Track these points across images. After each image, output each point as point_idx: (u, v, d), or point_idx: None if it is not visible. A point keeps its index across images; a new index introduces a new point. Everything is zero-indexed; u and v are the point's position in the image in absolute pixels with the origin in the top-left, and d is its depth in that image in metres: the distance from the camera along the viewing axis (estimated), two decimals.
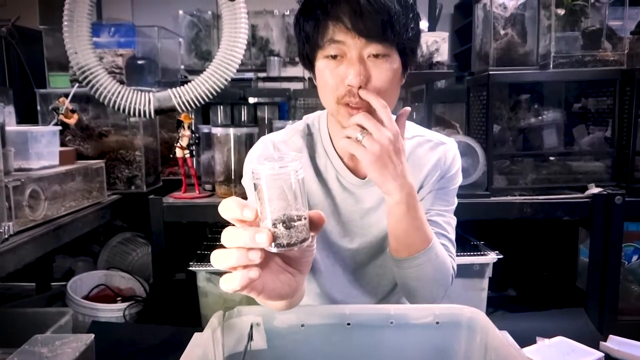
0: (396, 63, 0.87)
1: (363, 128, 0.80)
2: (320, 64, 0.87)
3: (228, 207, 0.55)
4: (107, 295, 1.97)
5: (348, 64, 0.84)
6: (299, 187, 0.56)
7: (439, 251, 0.93)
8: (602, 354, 1.07)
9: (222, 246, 0.56)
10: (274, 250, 0.56)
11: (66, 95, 1.79)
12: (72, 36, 1.66)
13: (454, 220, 1.05)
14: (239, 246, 0.54)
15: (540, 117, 1.96)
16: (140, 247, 2.27)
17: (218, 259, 0.55)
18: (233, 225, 0.58)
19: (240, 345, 0.77)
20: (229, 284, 0.55)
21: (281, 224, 0.55)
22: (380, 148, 0.78)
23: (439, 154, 1.02)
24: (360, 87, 0.84)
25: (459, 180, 1.05)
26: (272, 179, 0.54)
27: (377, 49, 0.83)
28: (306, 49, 0.89)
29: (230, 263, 0.54)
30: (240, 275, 0.55)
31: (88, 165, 1.69)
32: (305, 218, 0.57)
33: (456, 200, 1.06)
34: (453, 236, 1.04)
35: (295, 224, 0.56)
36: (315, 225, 0.59)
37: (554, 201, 1.74)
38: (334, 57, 0.85)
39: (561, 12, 1.76)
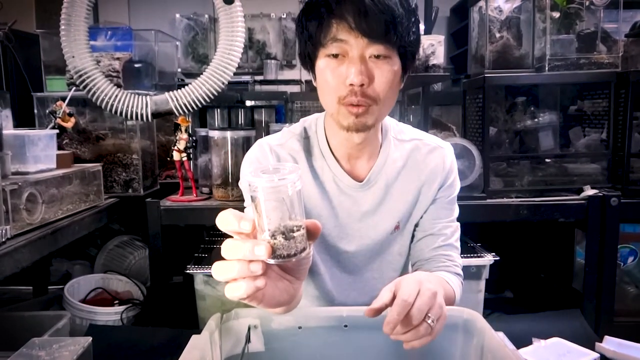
0: (396, 65, 0.88)
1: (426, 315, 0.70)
2: (322, 63, 0.88)
3: (225, 220, 0.56)
4: (104, 298, 1.96)
5: (350, 63, 0.85)
6: (296, 198, 0.56)
7: (458, 294, 0.98)
8: (597, 355, 1.08)
9: (219, 251, 0.57)
10: (273, 262, 0.56)
11: (63, 99, 1.79)
12: (69, 40, 1.66)
13: (457, 227, 1.06)
14: (239, 258, 0.55)
15: (536, 120, 1.97)
16: (138, 251, 2.27)
17: (219, 271, 0.55)
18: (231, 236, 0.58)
19: (238, 348, 0.77)
20: (235, 292, 0.55)
21: (280, 235, 0.55)
22: (442, 315, 0.72)
23: (436, 158, 1.03)
24: (362, 86, 0.84)
25: (458, 185, 1.07)
26: (269, 192, 0.54)
27: (379, 49, 0.84)
28: (308, 48, 0.89)
29: (232, 275, 0.55)
30: (246, 284, 0.55)
31: (85, 168, 1.69)
32: (303, 228, 0.57)
33: (457, 207, 1.07)
34: (458, 243, 1.06)
35: (294, 234, 0.56)
36: (312, 234, 0.60)
37: (550, 203, 1.75)
38: (336, 56, 0.86)
39: (556, 15, 1.77)
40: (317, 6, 0.85)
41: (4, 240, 1.21)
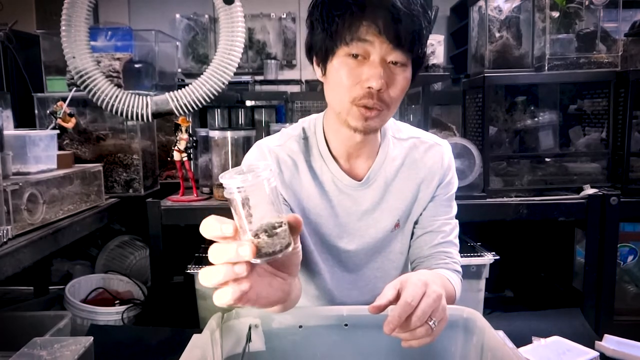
0: (409, 73, 0.89)
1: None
2: (338, 61, 0.87)
3: (207, 226, 0.56)
4: (105, 298, 1.97)
5: (370, 66, 0.85)
6: (274, 194, 0.56)
7: (458, 291, 0.98)
8: (597, 353, 1.09)
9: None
10: (259, 261, 0.56)
11: (64, 99, 1.79)
12: (70, 40, 1.66)
13: (456, 224, 1.07)
14: (226, 262, 0.55)
15: (536, 119, 1.97)
16: (138, 251, 2.27)
17: (206, 277, 0.55)
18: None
19: (239, 347, 0.78)
20: (221, 299, 0.55)
21: (263, 233, 0.55)
22: (444, 318, 0.72)
23: (435, 156, 1.03)
24: (379, 90, 0.85)
25: (457, 183, 1.07)
26: (245, 191, 0.54)
27: (399, 57, 0.85)
28: (326, 43, 0.88)
29: (218, 280, 0.55)
30: (232, 289, 0.55)
31: (86, 168, 1.70)
32: (284, 224, 0.57)
33: (456, 204, 1.08)
34: (457, 241, 1.06)
35: (277, 231, 0.56)
36: (294, 228, 0.59)
37: (550, 202, 1.75)
38: (356, 56, 0.86)
39: (555, 14, 1.77)
40: (347, 3, 0.84)
41: (5, 240, 1.21)
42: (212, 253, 0.55)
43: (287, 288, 0.67)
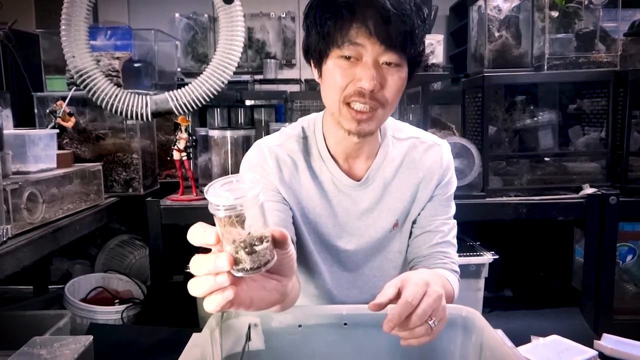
0: (404, 73, 0.88)
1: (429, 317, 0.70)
2: (332, 62, 0.88)
3: (192, 233, 0.56)
4: (105, 297, 1.97)
5: (363, 67, 0.85)
6: (259, 211, 0.55)
7: (457, 291, 0.98)
8: (595, 352, 1.09)
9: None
10: (238, 275, 0.56)
11: (63, 99, 1.79)
12: (69, 40, 1.66)
13: (455, 224, 1.07)
14: (207, 273, 0.54)
15: (535, 118, 1.98)
16: (138, 250, 2.28)
17: (193, 288, 0.55)
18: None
19: (238, 346, 0.78)
20: (209, 306, 0.56)
21: (244, 249, 0.55)
22: (444, 318, 0.72)
23: (434, 156, 1.03)
24: (372, 91, 0.85)
25: (455, 183, 1.07)
26: (231, 210, 0.53)
27: (393, 57, 0.85)
28: (320, 44, 0.88)
29: (203, 290, 0.55)
30: (216, 298, 0.55)
31: (85, 168, 1.70)
32: (268, 240, 0.56)
33: (454, 204, 1.08)
34: (455, 241, 1.06)
35: (258, 248, 0.55)
36: (279, 243, 0.58)
37: (549, 202, 1.75)
38: (348, 57, 0.86)
39: (555, 14, 1.78)
40: (338, 5, 0.84)
41: (5, 239, 1.21)
42: (194, 264, 0.55)
43: (283, 289, 0.66)
